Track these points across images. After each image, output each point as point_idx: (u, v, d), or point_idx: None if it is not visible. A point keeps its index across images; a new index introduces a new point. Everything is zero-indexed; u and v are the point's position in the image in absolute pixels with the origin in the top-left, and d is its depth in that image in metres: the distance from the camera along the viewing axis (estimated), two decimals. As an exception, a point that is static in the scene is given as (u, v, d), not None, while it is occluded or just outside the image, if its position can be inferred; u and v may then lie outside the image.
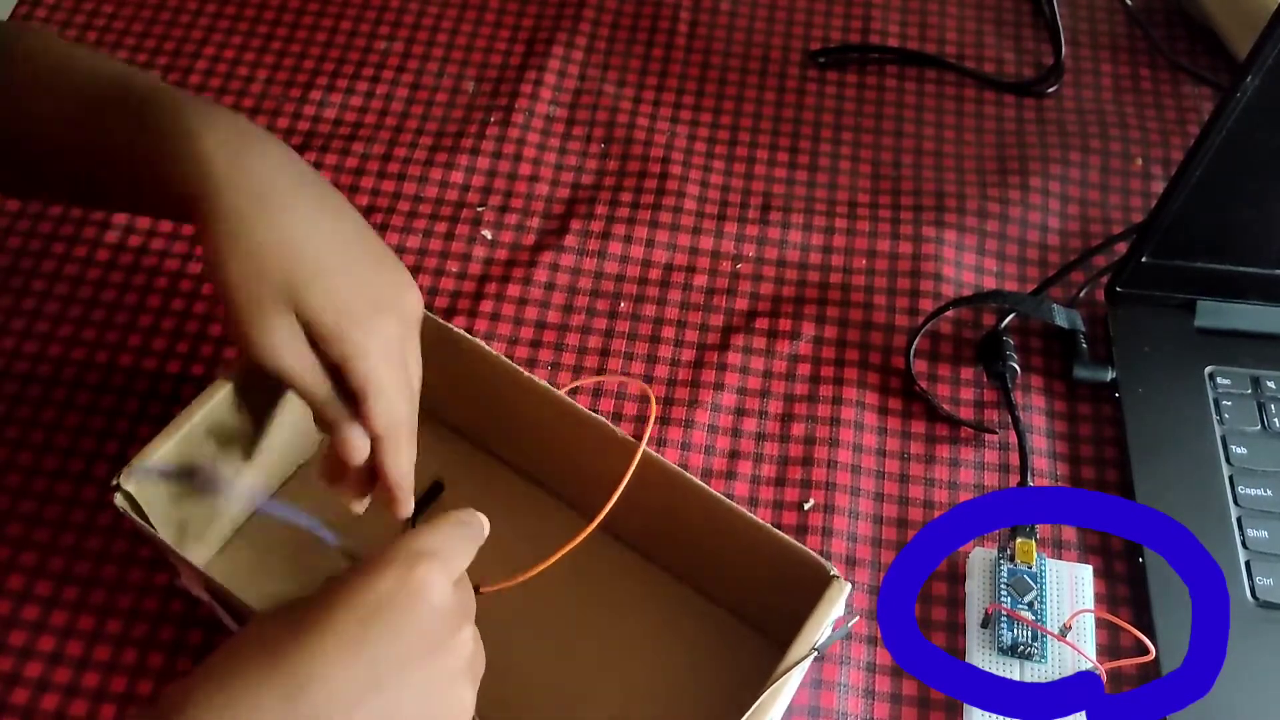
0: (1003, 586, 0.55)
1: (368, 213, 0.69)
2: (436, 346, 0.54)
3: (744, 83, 0.77)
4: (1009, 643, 0.53)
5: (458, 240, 0.68)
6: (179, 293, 0.65)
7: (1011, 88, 0.77)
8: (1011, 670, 0.54)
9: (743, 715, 0.46)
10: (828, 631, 0.49)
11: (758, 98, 0.76)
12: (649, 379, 0.63)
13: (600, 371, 0.63)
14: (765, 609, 0.54)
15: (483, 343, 0.55)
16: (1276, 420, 0.61)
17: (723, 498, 0.51)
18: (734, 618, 0.56)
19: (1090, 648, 0.54)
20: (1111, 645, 0.55)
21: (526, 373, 0.53)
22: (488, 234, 0.68)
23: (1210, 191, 0.59)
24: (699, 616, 0.56)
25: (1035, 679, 0.53)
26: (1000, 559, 0.56)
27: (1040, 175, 0.72)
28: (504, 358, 0.54)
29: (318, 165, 0.71)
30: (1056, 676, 0.53)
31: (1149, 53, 0.79)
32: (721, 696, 0.53)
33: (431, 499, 0.57)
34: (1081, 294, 0.66)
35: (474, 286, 0.66)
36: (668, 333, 0.65)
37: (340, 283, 0.47)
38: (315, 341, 0.47)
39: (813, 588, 0.49)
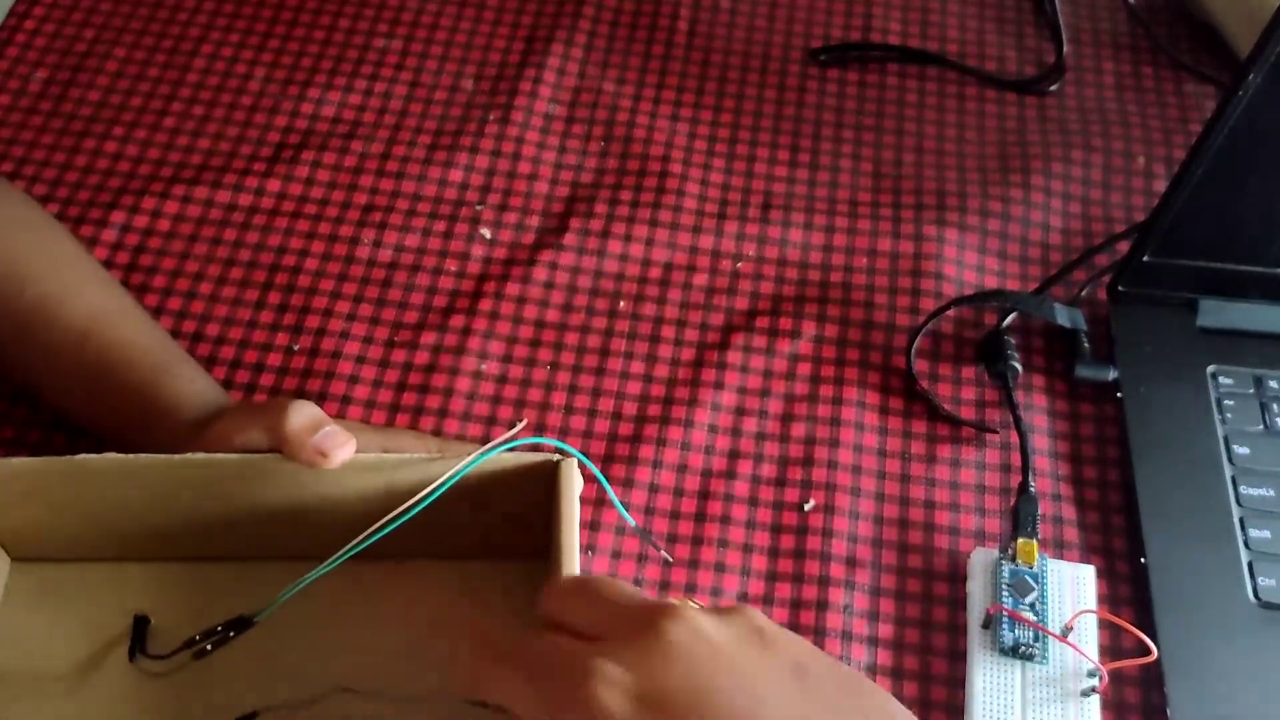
0: (1004, 587, 0.55)
1: (366, 211, 0.69)
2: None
3: (744, 81, 0.77)
4: (1010, 643, 0.53)
5: (456, 239, 0.68)
6: (176, 291, 0.65)
7: (1013, 86, 0.77)
8: (1013, 671, 0.53)
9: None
10: (576, 507, 0.48)
11: (758, 96, 0.76)
12: (649, 378, 0.63)
13: (600, 371, 0.63)
14: (519, 531, 0.52)
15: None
16: (1279, 420, 0.61)
17: (424, 456, 0.49)
18: (492, 560, 0.54)
19: (1092, 648, 0.54)
20: (1113, 646, 0.55)
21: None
22: (487, 233, 0.68)
23: (1212, 190, 0.58)
24: (458, 578, 0.54)
25: (1037, 680, 0.53)
26: (1001, 559, 0.56)
27: (1042, 174, 0.72)
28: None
29: (316, 164, 0.70)
30: (1058, 677, 0.53)
31: (1151, 50, 0.79)
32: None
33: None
34: (1083, 293, 0.66)
35: (473, 285, 0.66)
36: (668, 332, 0.65)
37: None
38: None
39: (549, 481, 0.49)
